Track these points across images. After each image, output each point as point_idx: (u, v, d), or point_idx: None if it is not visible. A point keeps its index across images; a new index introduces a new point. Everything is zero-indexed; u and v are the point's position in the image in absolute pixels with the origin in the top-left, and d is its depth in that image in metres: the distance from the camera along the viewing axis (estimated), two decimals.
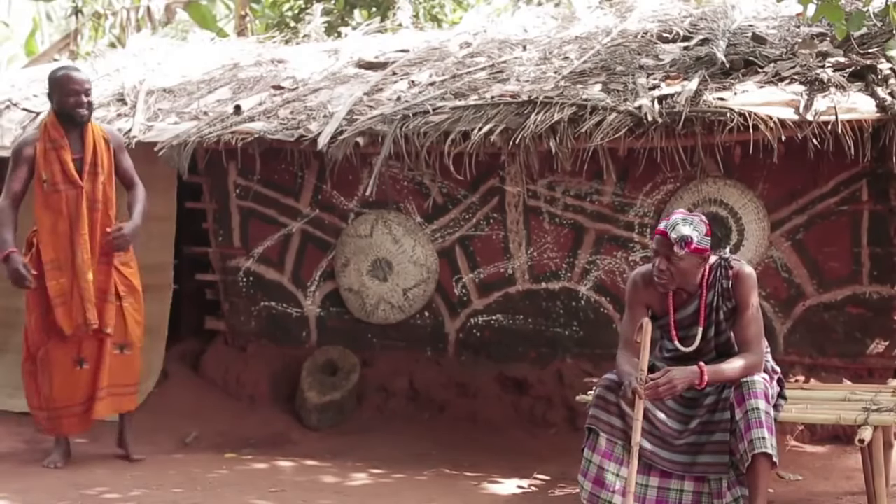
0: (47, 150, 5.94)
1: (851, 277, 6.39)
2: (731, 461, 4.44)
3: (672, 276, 4.56)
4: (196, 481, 5.63)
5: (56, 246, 5.95)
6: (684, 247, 4.49)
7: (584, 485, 4.55)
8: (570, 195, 6.85)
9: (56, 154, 5.93)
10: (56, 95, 5.97)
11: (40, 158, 5.93)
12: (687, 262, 4.53)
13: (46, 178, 5.93)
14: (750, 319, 4.57)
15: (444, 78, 7.37)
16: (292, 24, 13.48)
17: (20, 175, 5.99)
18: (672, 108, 6.04)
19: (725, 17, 7.70)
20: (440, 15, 13.97)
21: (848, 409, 5.02)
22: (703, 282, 4.62)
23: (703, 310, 4.61)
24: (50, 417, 6.08)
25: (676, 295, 4.68)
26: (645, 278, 4.74)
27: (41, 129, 6.04)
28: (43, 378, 6.02)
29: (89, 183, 5.99)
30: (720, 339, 4.65)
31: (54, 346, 6.00)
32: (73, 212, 5.95)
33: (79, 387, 6.02)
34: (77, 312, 5.91)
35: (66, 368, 6.00)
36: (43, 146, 5.95)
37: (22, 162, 5.99)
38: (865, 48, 6.40)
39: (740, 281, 4.59)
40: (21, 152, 6.02)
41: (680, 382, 4.38)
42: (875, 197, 6.31)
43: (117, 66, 9.27)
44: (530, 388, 6.91)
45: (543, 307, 6.97)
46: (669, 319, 4.68)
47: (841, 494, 5.44)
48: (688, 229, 4.50)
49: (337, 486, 5.69)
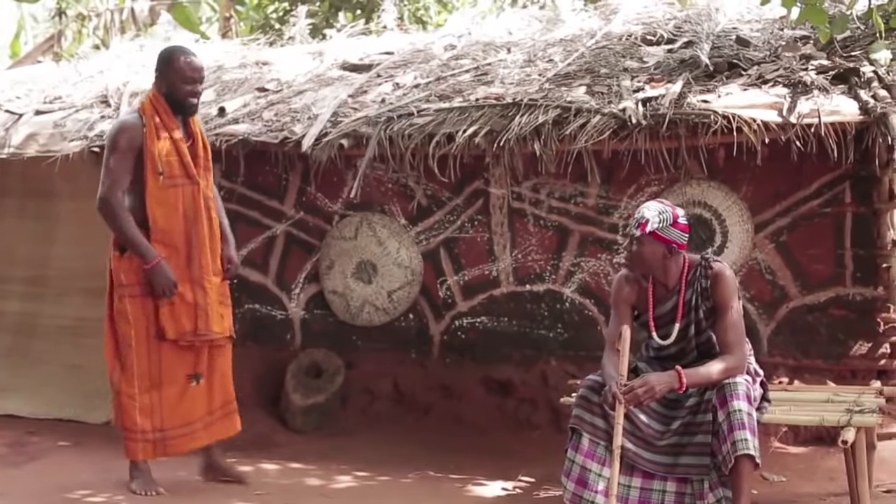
0: (161, 139, 5.28)
1: (835, 279, 6.41)
2: (713, 463, 4.45)
3: (633, 258, 4.66)
4: (181, 484, 5.61)
5: (169, 244, 5.29)
6: (637, 227, 4.58)
7: (566, 485, 4.56)
8: (555, 197, 6.86)
9: (173, 144, 5.31)
10: (170, 79, 5.32)
11: (152, 147, 5.24)
12: (647, 248, 4.60)
13: (163, 171, 5.26)
14: (730, 322, 4.60)
15: (429, 80, 7.37)
16: (277, 25, 13.50)
17: (127, 166, 5.27)
18: (656, 110, 6.04)
19: (709, 19, 7.72)
20: (425, 17, 14.01)
21: (831, 411, 5.04)
22: (682, 279, 4.68)
23: (680, 307, 4.66)
24: (156, 441, 5.36)
25: (656, 291, 4.74)
26: (629, 277, 4.81)
27: (147, 114, 5.31)
28: (154, 396, 5.31)
29: (203, 178, 5.43)
30: (700, 338, 4.68)
31: (166, 360, 5.34)
32: (189, 209, 5.33)
33: (194, 405, 5.41)
34: (187, 317, 5.30)
35: (178, 385, 5.37)
36: (154, 133, 5.26)
37: (127, 150, 5.26)
38: (848, 51, 6.42)
39: (718, 282, 4.63)
40: (124, 138, 5.28)
41: (659, 387, 4.42)
42: (858, 199, 6.34)
43: (101, 67, 9.24)
44: (515, 390, 6.91)
45: (528, 309, 6.97)
46: (648, 315, 4.72)
47: (824, 495, 5.45)
48: (650, 214, 4.59)
49: (322, 488, 5.68)
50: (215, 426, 5.49)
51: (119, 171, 5.26)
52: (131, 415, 5.30)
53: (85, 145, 7.25)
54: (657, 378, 4.45)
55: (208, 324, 5.33)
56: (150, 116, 5.29)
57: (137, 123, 5.29)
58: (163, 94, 5.34)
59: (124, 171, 5.26)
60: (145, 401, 5.30)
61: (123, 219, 5.27)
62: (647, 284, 4.76)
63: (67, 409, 7.31)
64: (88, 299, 7.81)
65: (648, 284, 4.76)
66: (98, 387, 7.39)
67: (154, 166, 5.24)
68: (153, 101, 5.35)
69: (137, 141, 5.25)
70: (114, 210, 5.29)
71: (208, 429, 5.46)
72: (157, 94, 5.36)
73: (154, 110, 5.31)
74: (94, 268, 7.73)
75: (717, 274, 4.64)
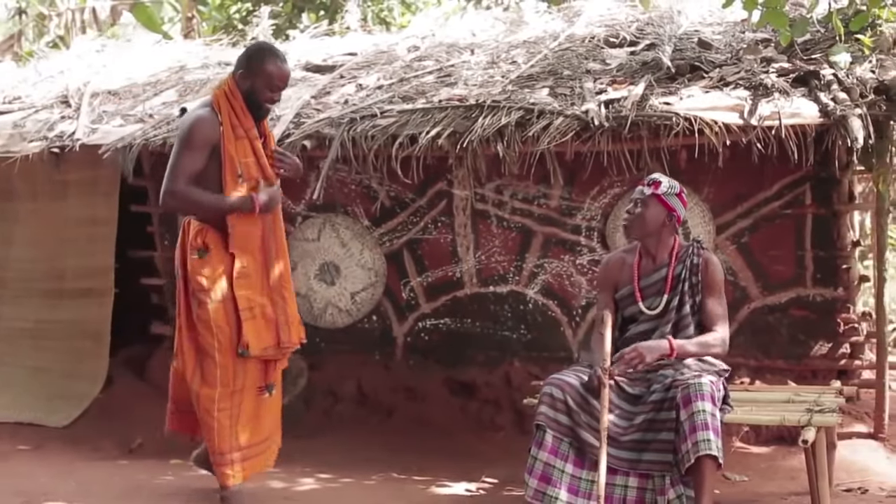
0: (238, 138, 4.91)
1: (795, 280, 6.47)
2: (675, 460, 4.48)
3: (634, 220, 4.81)
4: (142, 488, 5.57)
5: (247, 252, 4.94)
6: (651, 185, 4.77)
7: (529, 482, 4.57)
8: (518, 199, 6.87)
9: (248, 143, 4.94)
10: (256, 80, 4.91)
11: (230, 148, 4.88)
12: (651, 210, 4.78)
13: (242, 174, 4.89)
14: (718, 303, 4.79)
15: (392, 81, 7.36)
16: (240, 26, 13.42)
17: (198, 163, 4.86)
18: (618, 112, 6.06)
19: (672, 22, 7.77)
20: (389, 18, 14.00)
21: (792, 411, 5.08)
22: (673, 254, 4.83)
23: (670, 279, 4.79)
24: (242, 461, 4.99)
25: (642, 264, 4.88)
26: (614, 257, 5.05)
27: (222, 110, 4.91)
28: (230, 411, 4.93)
29: (276, 180, 5.08)
30: (681, 312, 4.77)
31: (248, 369, 4.98)
32: (267, 217, 5.00)
33: (265, 419, 5.08)
34: (266, 332, 4.96)
35: (253, 397, 5.01)
36: (231, 132, 4.89)
37: (202, 147, 4.87)
38: (809, 54, 6.48)
39: (710, 265, 4.82)
40: (201, 135, 4.88)
41: (649, 354, 4.54)
42: (818, 201, 6.40)
43: (61, 67, 9.17)
44: (478, 392, 6.92)
45: (491, 311, 6.98)
46: (634, 285, 4.83)
47: (786, 495, 5.49)
48: (662, 178, 4.82)
49: (285, 491, 5.65)
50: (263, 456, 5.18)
51: (188, 168, 4.86)
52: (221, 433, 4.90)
53: (45, 146, 7.20)
54: (647, 345, 4.58)
55: (290, 336, 5.05)
56: (226, 113, 4.90)
57: (214, 120, 4.89)
58: (242, 91, 4.94)
59: (193, 168, 4.86)
60: (225, 418, 4.92)
61: (198, 195, 4.87)
62: (633, 259, 4.90)
63: (28, 412, 7.24)
64: (48, 301, 7.76)
65: (634, 258, 4.90)
66: (59, 390, 7.35)
67: (233, 168, 4.88)
68: (229, 96, 4.94)
69: (214, 139, 4.87)
70: (184, 194, 4.88)
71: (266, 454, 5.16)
72: (234, 89, 4.95)
73: (230, 107, 4.92)
74: (53, 270, 7.72)
75: (709, 259, 4.84)
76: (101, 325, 7.40)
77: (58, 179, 7.58)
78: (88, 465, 6.16)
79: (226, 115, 4.89)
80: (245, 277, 4.92)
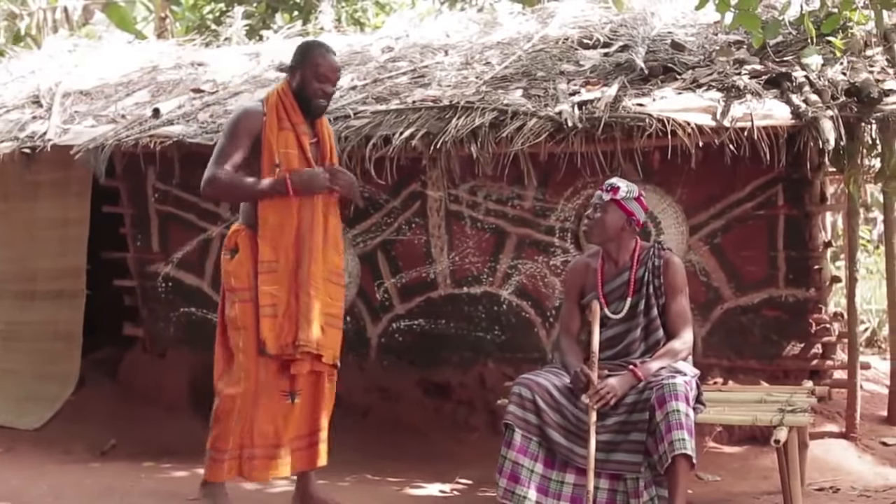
0: (282, 129, 4.85)
1: (768, 281, 6.50)
2: (647, 461, 4.49)
3: (594, 225, 4.83)
4: (114, 490, 5.54)
5: (277, 247, 4.83)
6: (609, 190, 4.79)
7: (499, 482, 4.58)
8: (492, 200, 6.87)
9: (294, 136, 4.87)
10: (303, 74, 4.88)
11: (271, 137, 4.83)
12: (610, 216, 4.80)
13: (280, 163, 4.82)
14: (680, 306, 4.80)
15: (366, 82, 7.35)
16: (213, 26, 13.37)
17: (239, 153, 4.84)
18: (592, 113, 6.07)
19: (645, 23, 7.79)
20: (363, 19, 13.97)
21: (764, 411, 5.10)
22: (634, 257, 4.83)
23: (632, 282, 4.80)
24: (242, 459, 4.87)
25: (606, 268, 4.89)
26: (579, 262, 5.05)
27: (272, 104, 4.89)
28: (243, 412, 4.81)
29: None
30: (649, 316, 4.80)
31: (268, 370, 4.85)
32: (306, 210, 4.85)
33: (285, 425, 4.89)
34: (287, 330, 4.80)
35: (273, 400, 4.86)
36: (274, 124, 4.84)
37: (244, 134, 4.85)
38: (781, 56, 6.51)
39: (671, 266, 4.82)
40: (243, 122, 4.88)
41: (620, 388, 4.57)
42: (790, 202, 6.43)
43: (32, 67, 9.12)
44: (452, 393, 6.91)
45: (465, 312, 6.98)
46: (598, 291, 4.85)
47: (758, 494, 5.52)
48: (620, 183, 4.83)
49: (258, 493, 5.63)
50: (299, 454, 4.97)
51: (228, 155, 4.83)
52: (225, 433, 4.81)
53: (16, 146, 7.16)
54: (616, 380, 4.58)
55: (309, 335, 4.79)
56: (273, 105, 4.88)
57: (258, 111, 4.89)
58: (293, 88, 4.91)
59: (233, 159, 4.82)
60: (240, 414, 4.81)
61: (233, 177, 4.82)
62: (597, 264, 4.91)
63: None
64: (19, 303, 7.72)
65: (598, 263, 4.91)
66: (30, 392, 7.31)
67: (270, 157, 4.82)
68: (280, 94, 4.93)
69: (256, 129, 4.84)
70: (221, 179, 4.83)
71: (294, 455, 4.95)
72: (286, 87, 4.94)
73: (280, 102, 4.89)
74: (24, 271, 7.67)
75: (670, 260, 4.84)
76: (73, 326, 7.37)
77: (29, 180, 7.54)
78: (60, 468, 6.12)
79: (272, 108, 4.86)
80: (271, 273, 4.82)
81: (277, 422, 4.87)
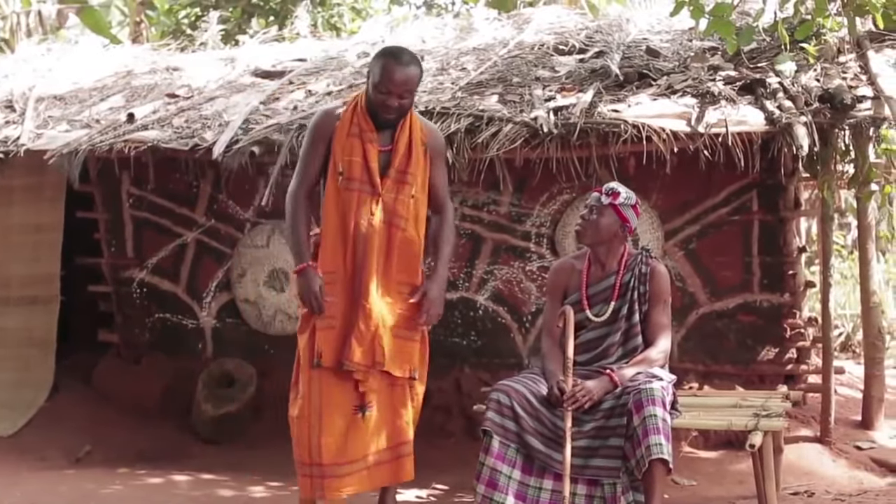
0: (350, 135, 4.62)
1: (743, 286, 6.53)
2: (625, 466, 4.49)
3: (588, 226, 4.81)
4: (89, 497, 5.51)
5: (336, 256, 4.62)
6: (609, 195, 4.78)
7: (477, 488, 4.58)
8: (468, 205, 6.87)
9: (360, 143, 4.61)
10: (370, 81, 4.61)
11: (336, 143, 4.62)
12: (605, 219, 4.79)
13: (343, 171, 4.60)
14: (661, 315, 4.81)
15: (342, 88, 7.35)
16: (188, 31, 13.31)
17: (317, 154, 4.68)
18: (567, 119, 6.10)
19: (620, 30, 7.83)
20: (339, 24, 13.94)
21: (739, 416, 5.11)
22: (622, 262, 4.84)
23: (617, 287, 4.80)
24: (313, 477, 4.59)
25: (591, 271, 4.89)
26: (562, 264, 5.02)
27: (348, 108, 4.67)
28: (313, 423, 4.57)
29: (392, 191, 4.63)
30: (631, 321, 4.79)
31: (330, 383, 4.60)
32: (363, 219, 4.59)
33: (356, 440, 4.61)
34: (349, 343, 4.55)
35: (342, 413, 4.60)
36: (345, 128, 4.62)
37: (318, 139, 4.67)
38: (755, 62, 6.55)
39: (656, 275, 4.82)
40: (318, 125, 4.70)
41: (596, 391, 4.55)
42: (765, 207, 6.47)
43: (6, 71, 9.07)
44: (429, 398, 6.86)
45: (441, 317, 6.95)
46: (582, 293, 4.83)
47: (734, 498, 5.54)
48: (620, 189, 4.82)
49: (234, 499, 5.62)
50: (382, 469, 4.70)
51: (307, 164, 4.70)
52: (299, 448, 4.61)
53: None
54: (593, 384, 4.58)
55: (355, 353, 4.55)
56: (349, 110, 4.66)
57: (333, 115, 4.69)
58: (368, 94, 4.63)
59: (311, 162, 4.69)
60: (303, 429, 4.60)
61: (296, 217, 4.67)
62: (583, 266, 4.91)
63: None
64: None
65: (584, 265, 4.91)
66: (4, 398, 7.26)
67: (335, 164, 4.62)
68: (359, 98, 4.69)
69: (328, 132, 4.65)
70: (291, 207, 4.69)
71: (372, 471, 4.67)
72: (365, 93, 4.69)
73: (355, 107, 4.66)
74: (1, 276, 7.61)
75: (656, 268, 4.84)
76: (47, 332, 7.33)
77: (2, 185, 7.49)
78: (34, 475, 6.09)
79: (347, 112, 4.65)
80: (331, 284, 4.60)
81: (350, 439, 4.61)
